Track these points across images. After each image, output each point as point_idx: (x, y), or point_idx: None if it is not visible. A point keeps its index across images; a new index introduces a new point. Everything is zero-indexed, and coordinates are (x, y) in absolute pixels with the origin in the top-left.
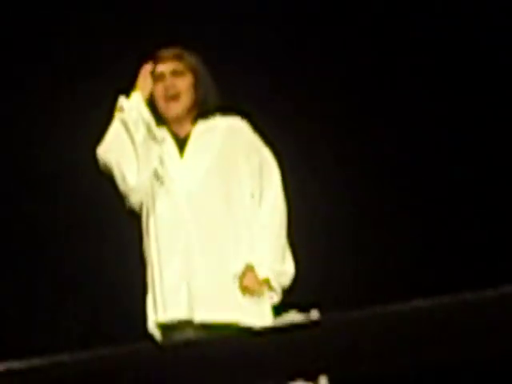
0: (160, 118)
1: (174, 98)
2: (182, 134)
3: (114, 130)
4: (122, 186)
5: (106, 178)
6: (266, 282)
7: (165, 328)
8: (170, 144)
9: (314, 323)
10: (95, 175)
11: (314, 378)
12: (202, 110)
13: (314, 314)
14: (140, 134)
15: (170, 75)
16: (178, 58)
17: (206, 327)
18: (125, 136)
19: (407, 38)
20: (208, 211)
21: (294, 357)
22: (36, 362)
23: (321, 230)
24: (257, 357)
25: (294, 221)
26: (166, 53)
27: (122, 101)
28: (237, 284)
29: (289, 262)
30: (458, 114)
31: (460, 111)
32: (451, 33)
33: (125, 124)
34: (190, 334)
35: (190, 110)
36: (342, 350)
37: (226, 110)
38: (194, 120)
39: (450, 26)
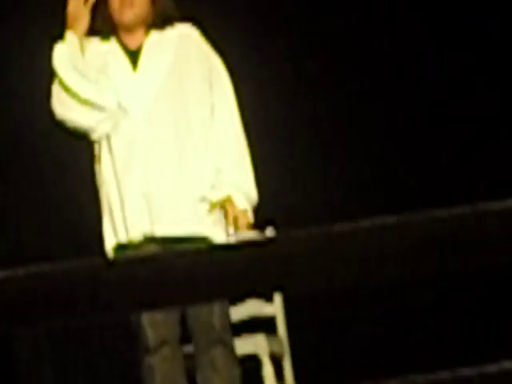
0: (112, 28)
1: (129, 4)
2: (134, 45)
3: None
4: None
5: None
6: (245, 213)
7: (125, 249)
8: (122, 57)
9: (270, 240)
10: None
11: (269, 295)
12: (156, 21)
13: (270, 231)
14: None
15: None
16: None
17: (168, 242)
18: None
19: None
20: (165, 125)
21: (249, 274)
22: None
23: (278, 143)
24: (212, 272)
25: (251, 134)
26: None
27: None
28: (206, 207)
29: (252, 183)
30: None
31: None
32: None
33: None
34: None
35: (143, 20)
36: (297, 268)
37: (180, 20)
38: (147, 31)
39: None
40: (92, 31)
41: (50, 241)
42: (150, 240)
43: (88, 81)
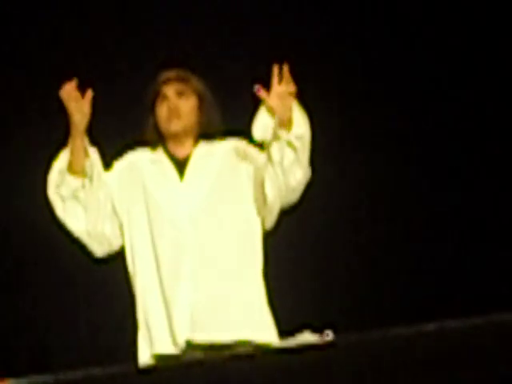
0: (160, 138)
1: (177, 115)
2: (181, 155)
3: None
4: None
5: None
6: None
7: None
8: (168, 166)
9: (329, 344)
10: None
11: None
12: (203, 132)
13: (329, 335)
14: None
15: (174, 96)
16: (184, 80)
17: (212, 349)
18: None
19: None
20: (210, 235)
21: (307, 378)
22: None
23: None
24: (269, 377)
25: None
26: (171, 74)
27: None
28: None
29: None
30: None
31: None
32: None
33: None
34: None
35: (191, 131)
36: (356, 372)
37: (228, 134)
38: (195, 142)
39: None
40: (141, 141)
41: (80, 347)
42: (193, 347)
43: (61, 201)
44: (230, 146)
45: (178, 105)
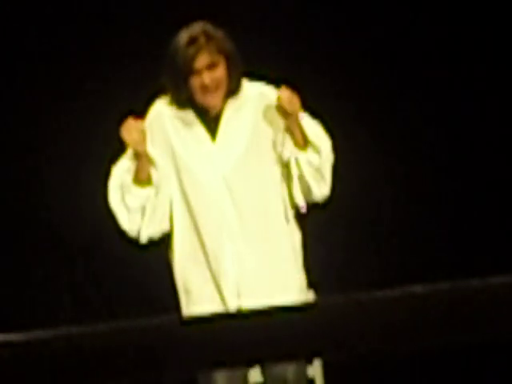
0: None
1: (214, 90)
2: (211, 113)
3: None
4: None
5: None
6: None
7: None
8: (200, 128)
9: (310, 305)
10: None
11: (309, 361)
12: (233, 88)
13: (310, 296)
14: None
15: (205, 69)
16: (209, 41)
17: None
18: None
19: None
20: (247, 195)
21: (288, 339)
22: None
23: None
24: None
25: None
26: (196, 40)
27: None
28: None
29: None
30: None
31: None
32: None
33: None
34: None
35: (225, 93)
36: (337, 334)
37: (250, 75)
38: (224, 97)
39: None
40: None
41: (126, 299)
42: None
43: (127, 212)
44: (257, 93)
45: (211, 78)
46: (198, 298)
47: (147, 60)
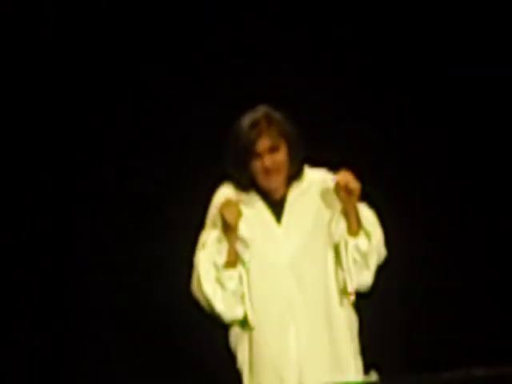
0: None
1: (275, 172)
2: (276, 197)
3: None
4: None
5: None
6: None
7: None
8: (265, 211)
9: None
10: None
11: None
12: (294, 171)
13: (373, 376)
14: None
15: (267, 153)
16: (270, 125)
17: None
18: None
19: None
20: (312, 279)
21: None
22: None
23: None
24: None
25: None
26: (259, 125)
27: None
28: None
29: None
30: None
31: None
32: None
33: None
34: None
35: (286, 177)
36: None
37: (311, 160)
38: (288, 182)
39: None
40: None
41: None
42: None
43: (222, 294)
44: (320, 178)
45: (273, 161)
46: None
47: (210, 146)
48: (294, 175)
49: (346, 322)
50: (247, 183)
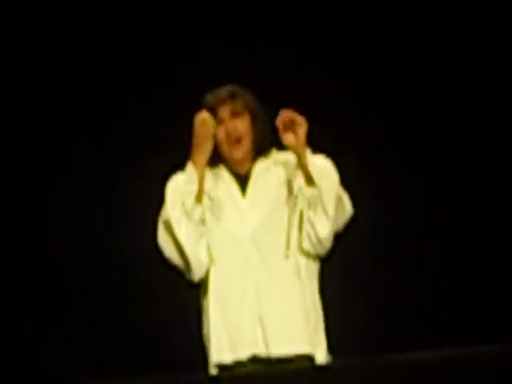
0: (222, 159)
1: (237, 141)
2: (242, 171)
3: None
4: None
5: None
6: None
7: (229, 369)
8: (232, 184)
9: (326, 368)
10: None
11: None
12: (259, 147)
13: (323, 358)
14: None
15: (229, 117)
16: (234, 97)
17: (272, 363)
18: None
19: None
20: (272, 249)
21: None
22: None
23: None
24: None
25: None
26: (221, 94)
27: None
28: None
29: None
30: None
31: None
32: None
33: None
34: (251, 370)
35: (250, 151)
36: None
37: (280, 144)
38: (254, 158)
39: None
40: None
41: (151, 356)
42: (254, 361)
43: (186, 225)
44: (285, 157)
45: (235, 127)
46: (221, 346)
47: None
48: (260, 151)
49: (304, 294)
50: (218, 159)
